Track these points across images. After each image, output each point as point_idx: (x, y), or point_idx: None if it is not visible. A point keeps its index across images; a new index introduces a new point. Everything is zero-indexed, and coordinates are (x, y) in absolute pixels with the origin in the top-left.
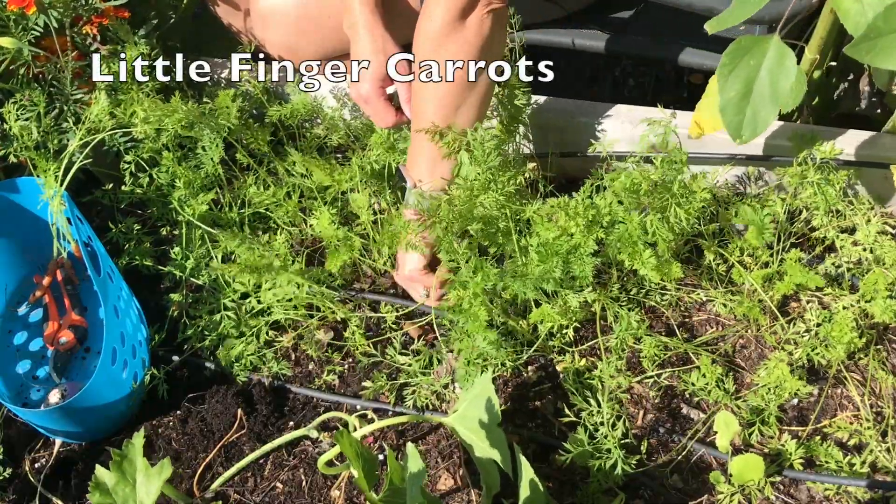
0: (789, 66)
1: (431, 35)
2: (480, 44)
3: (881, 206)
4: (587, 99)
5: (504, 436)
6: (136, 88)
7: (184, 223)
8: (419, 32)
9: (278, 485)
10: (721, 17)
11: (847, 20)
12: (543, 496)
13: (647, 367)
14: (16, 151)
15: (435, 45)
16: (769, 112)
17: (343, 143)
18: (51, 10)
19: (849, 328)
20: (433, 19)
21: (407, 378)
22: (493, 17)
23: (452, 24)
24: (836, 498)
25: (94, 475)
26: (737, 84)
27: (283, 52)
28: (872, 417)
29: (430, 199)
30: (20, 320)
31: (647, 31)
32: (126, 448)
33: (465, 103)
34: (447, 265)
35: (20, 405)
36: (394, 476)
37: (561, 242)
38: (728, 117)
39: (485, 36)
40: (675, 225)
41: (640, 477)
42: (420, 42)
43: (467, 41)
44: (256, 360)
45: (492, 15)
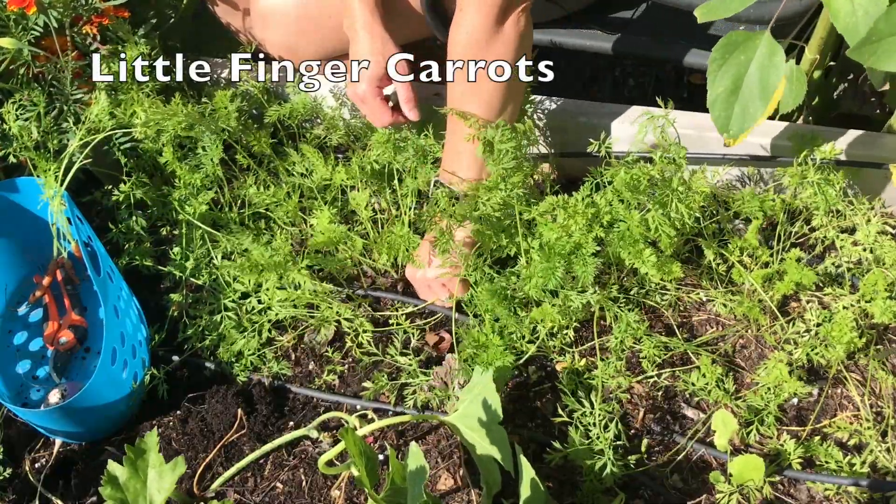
0: (779, 62)
1: (475, 36)
2: (519, 43)
3: (881, 206)
4: (587, 99)
5: (505, 434)
6: (136, 88)
7: (184, 223)
8: (458, 32)
9: (278, 485)
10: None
11: (837, 20)
12: (544, 496)
13: (647, 368)
14: (15, 151)
15: (479, 46)
16: (757, 108)
17: (343, 142)
18: (51, 10)
19: (849, 328)
20: (474, 19)
21: (408, 378)
22: (526, 16)
23: (494, 25)
24: (836, 498)
25: (106, 469)
26: (726, 79)
27: (283, 52)
28: (872, 417)
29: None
30: (20, 320)
31: (648, 31)
32: (140, 444)
33: (511, 101)
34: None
35: (20, 405)
36: (395, 475)
37: (563, 243)
38: (716, 112)
39: (522, 34)
40: (676, 220)
41: (640, 477)
42: (460, 43)
43: (509, 40)
44: (256, 360)
45: (525, 13)
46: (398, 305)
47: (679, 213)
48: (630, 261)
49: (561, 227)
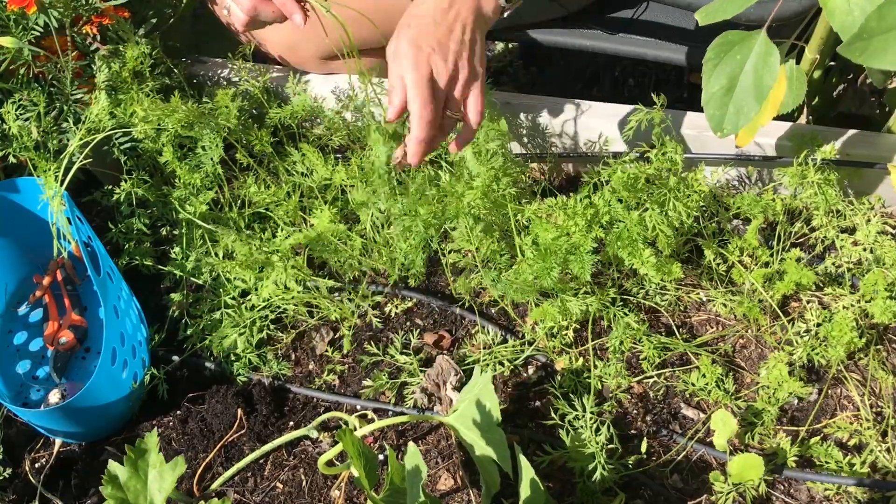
0: (774, 62)
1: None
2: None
3: (881, 206)
4: (587, 99)
5: (504, 435)
6: (136, 88)
7: (184, 223)
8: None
9: (278, 485)
10: (712, 8)
11: (833, 18)
12: (544, 496)
13: (647, 369)
14: (15, 151)
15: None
16: (751, 108)
17: (343, 143)
18: (51, 9)
19: (849, 328)
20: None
21: (407, 377)
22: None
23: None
24: (836, 498)
25: (107, 469)
26: (721, 78)
27: (284, 52)
28: (872, 417)
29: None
30: (20, 320)
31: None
32: (140, 444)
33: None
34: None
35: (20, 405)
36: (394, 476)
37: (560, 243)
38: (711, 111)
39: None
40: (674, 219)
41: (640, 477)
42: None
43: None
44: (256, 360)
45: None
46: (398, 303)
47: (677, 212)
48: (629, 261)
49: (558, 227)
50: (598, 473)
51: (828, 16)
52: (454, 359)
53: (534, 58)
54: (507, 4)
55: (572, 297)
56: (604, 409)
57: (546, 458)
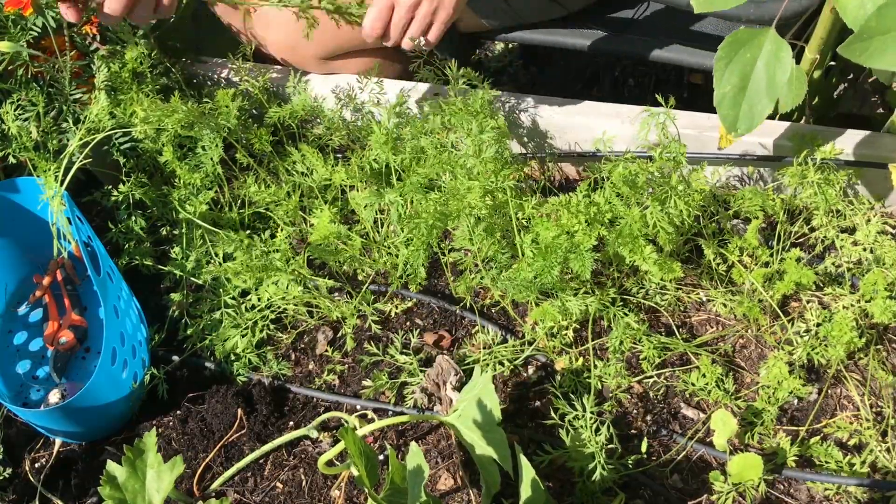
0: (785, 59)
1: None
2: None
3: (881, 206)
4: (587, 99)
5: (504, 435)
6: (135, 88)
7: (184, 222)
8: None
9: (278, 485)
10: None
11: (846, 14)
12: (544, 495)
13: (647, 369)
14: (15, 152)
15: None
16: (765, 106)
17: (343, 143)
18: (48, 10)
19: (849, 328)
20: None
21: (407, 377)
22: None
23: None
24: (835, 498)
25: (105, 469)
26: (733, 78)
27: (284, 52)
28: (872, 417)
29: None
30: (20, 320)
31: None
32: (139, 445)
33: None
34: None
35: (20, 405)
36: (395, 475)
37: (560, 241)
38: (724, 111)
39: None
40: (675, 217)
41: (639, 476)
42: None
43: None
44: (256, 360)
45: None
46: (398, 303)
47: (678, 210)
48: (631, 257)
49: (559, 225)
50: (598, 473)
51: (840, 12)
52: (454, 359)
53: (534, 58)
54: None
55: (572, 296)
56: (604, 409)
57: (546, 458)
